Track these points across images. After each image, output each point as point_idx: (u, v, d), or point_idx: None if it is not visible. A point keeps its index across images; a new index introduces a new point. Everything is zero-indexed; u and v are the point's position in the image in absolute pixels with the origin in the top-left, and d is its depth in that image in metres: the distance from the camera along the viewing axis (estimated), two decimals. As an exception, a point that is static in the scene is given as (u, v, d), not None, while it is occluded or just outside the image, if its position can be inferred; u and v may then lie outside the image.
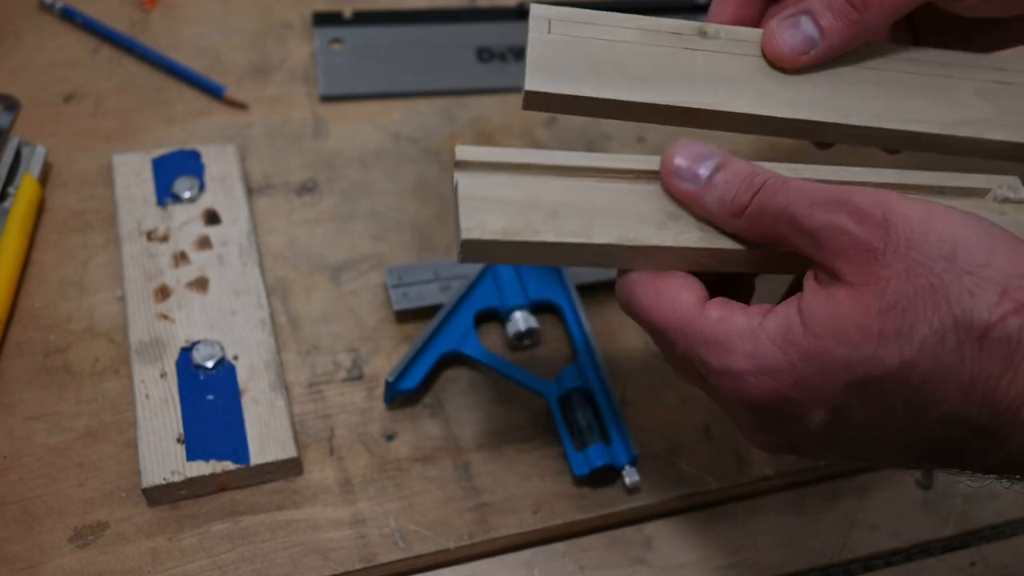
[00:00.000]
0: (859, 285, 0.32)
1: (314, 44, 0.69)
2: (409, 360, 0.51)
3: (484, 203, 0.37)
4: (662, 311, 0.36)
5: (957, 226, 0.32)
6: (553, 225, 0.36)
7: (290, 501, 0.48)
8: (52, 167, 0.60)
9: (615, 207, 0.37)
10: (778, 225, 0.35)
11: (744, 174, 0.36)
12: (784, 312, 0.34)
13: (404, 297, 0.54)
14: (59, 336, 0.52)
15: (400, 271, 0.56)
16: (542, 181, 0.38)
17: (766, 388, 0.34)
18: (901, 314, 0.31)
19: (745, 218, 0.36)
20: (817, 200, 0.34)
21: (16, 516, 0.46)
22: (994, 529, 0.51)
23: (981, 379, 0.31)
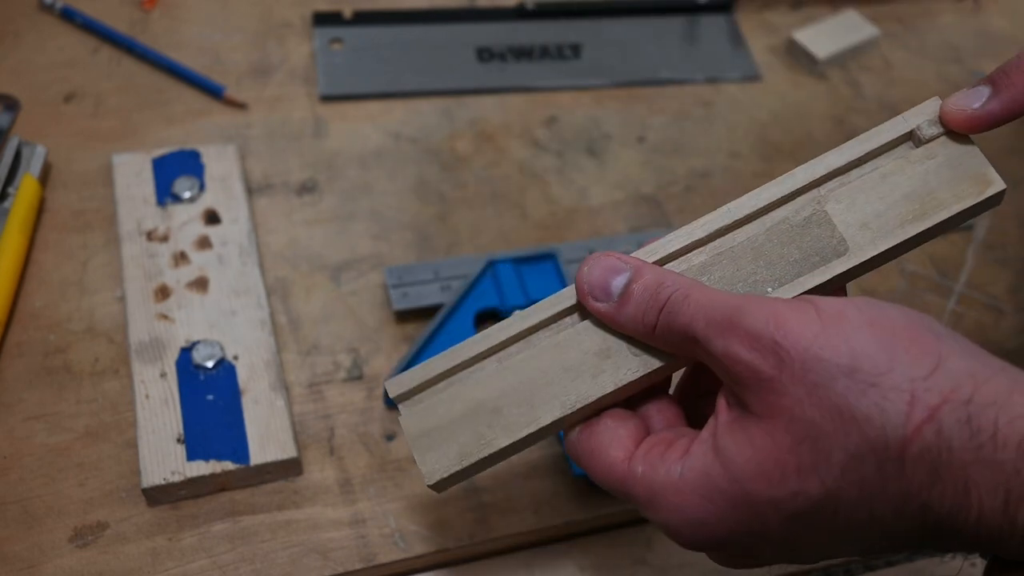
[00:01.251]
0: (766, 418, 0.31)
1: (314, 44, 0.69)
2: (409, 361, 0.51)
3: (433, 435, 0.37)
4: (601, 473, 0.36)
5: (853, 334, 0.31)
6: (501, 426, 0.36)
7: (290, 501, 0.48)
8: (52, 167, 0.60)
9: (548, 373, 0.37)
10: (686, 345, 0.34)
11: (652, 288, 0.35)
12: (702, 457, 0.33)
13: (404, 297, 0.54)
14: (59, 336, 0.52)
15: (400, 271, 0.56)
16: (474, 376, 0.37)
17: (704, 537, 0.33)
18: (814, 444, 0.30)
19: (657, 338, 0.35)
20: (712, 320, 0.33)
21: (16, 516, 0.46)
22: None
23: (911, 495, 0.30)
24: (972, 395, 0.29)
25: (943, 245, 0.62)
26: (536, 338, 0.38)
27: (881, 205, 0.36)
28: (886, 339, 0.31)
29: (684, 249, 0.37)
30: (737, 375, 0.32)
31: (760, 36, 0.73)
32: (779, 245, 0.37)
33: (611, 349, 0.36)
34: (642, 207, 0.62)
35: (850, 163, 0.37)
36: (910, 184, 0.36)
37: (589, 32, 0.72)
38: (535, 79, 0.69)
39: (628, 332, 0.36)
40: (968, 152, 0.37)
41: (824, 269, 0.36)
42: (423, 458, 0.37)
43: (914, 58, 0.73)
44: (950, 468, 0.29)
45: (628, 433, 0.36)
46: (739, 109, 0.68)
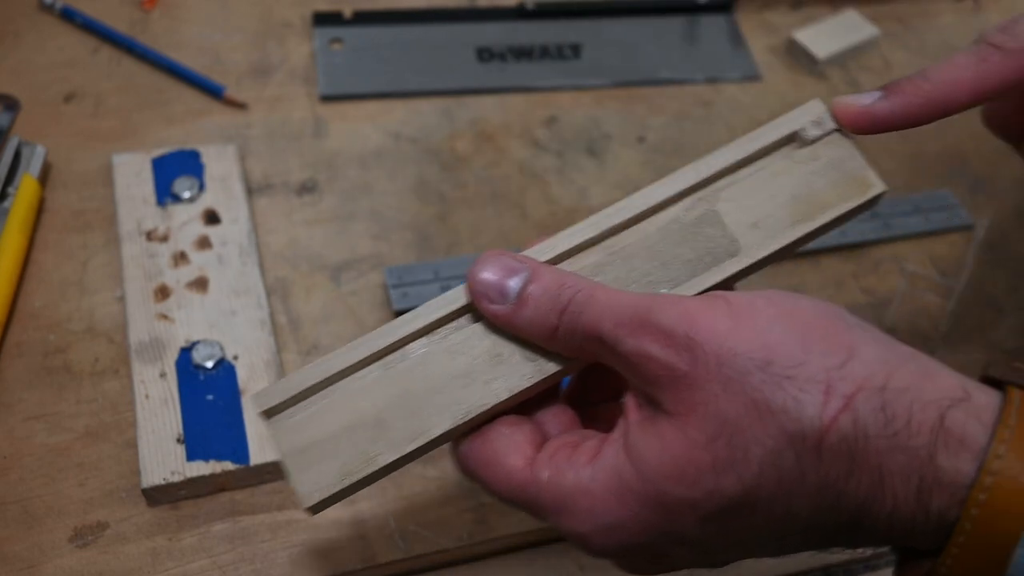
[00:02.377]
0: (680, 415, 0.30)
1: (314, 44, 0.69)
2: None
3: (309, 453, 0.34)
4: (499, 483, 0.33)
5: (766, 328, 0.30)
6: (386, 440, 0.34)
7: (290, 501, 0.48)
8: (52, 167, 0.60)
9: (436, 381, 0.34)
10: (590, 346, 0.33)
11: (552, 290, 0.33)
12: (613, 458, 0.32)
13: (404, 297, 0.54)
14: (59, 336, 0.52)
15: (400, 271, 0.56)
16: (354, 386, 0.34)
17: (616, 542, 0.32)
18: (730, 440, 0.30)
19: (558, 340, 0.34)
20: (621, 320, 0.32)
21: (16, 516, 0.46)
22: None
23: (828, 486, 0.30)
24: (886, 382, 0.30)
25: (943, 245, 0.62)
26: (422, 343, 0.35)
27: (770, 206, 0.37)
28: (799, 330, 0.30)
29: (576, 248, 0.36)
30: (649, 373, 0.31)
31: (760, 36, 0.73)
32: (672, 244, 0.36)
33: (504, 354, 0.35)
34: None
35: (738, 162, 0.37)
36: (796, 185, 0.37)
37: (589, 32, 0.72)
38: (535, 79, 0.69)
39: (526, 336, 0.34)
40: (849, 155, 0.38)
41: (717, 269, 0.36)
42: (299, 478, 0.33)
43: (914, 58, 0.73)
44: (866, 456, 0.29)
45: (525, 439, 0.34)
46: (739, 109, 0.68)
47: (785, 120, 0.38)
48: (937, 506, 0.29)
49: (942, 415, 0.29)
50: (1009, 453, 0.28)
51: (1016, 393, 0.30)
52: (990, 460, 0.28)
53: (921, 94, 0.37)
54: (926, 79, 0.38)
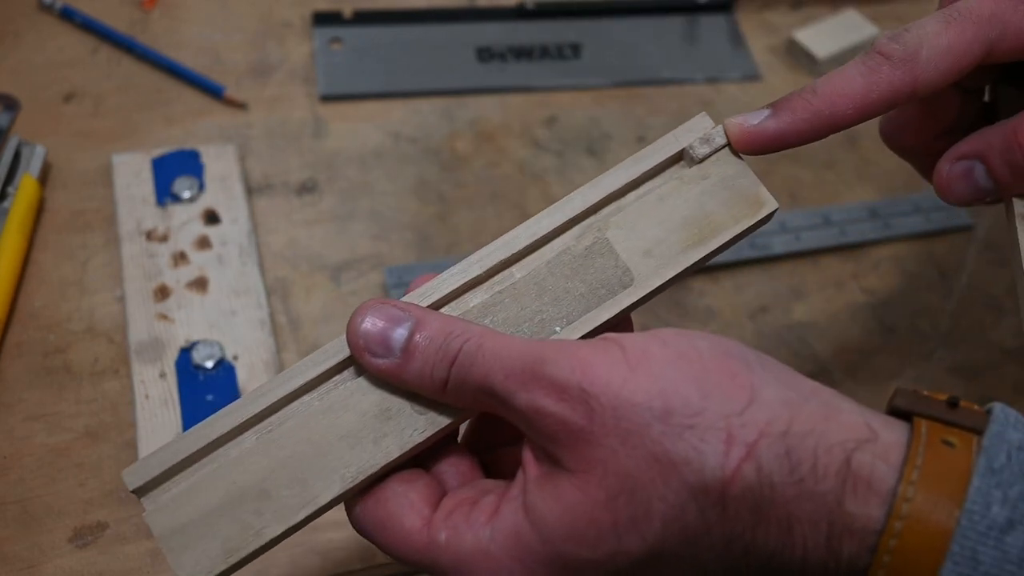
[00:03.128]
0: (579, 473, 0.29)
1: (314, 44, 0.69)
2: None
3: (188, 531, 0.31)
4: (396, 546, 0.32)
5: (661, 374, 0.29)
6: (271, 511, 0.31)
7: (290, 501, 0.48)
8: (52, 167, 0.60)
9: (320, 443, 0.32)
10: (483, 399, 0.31)
11: (439, 340, 0.31)
12: (512, 516, 0.30)
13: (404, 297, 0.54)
14: (59, 336, 0.52)
15: (400, 271, 0.55)
16: (232, 455, 0.32)
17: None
18: (631, 497, 0.28)
19: (449, 393, 0.32)
20: (512, 372, 0.30)
21: (16, 516, 0.46)
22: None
23: (735, 537, 0.28)
24: (789, 426, 0.28)
25: (943, 245, 0.62)
26: (302, 403, 0.33)
27: (661, 231, 0.35)
28: (697, 375, 0.29)
29: (461, 289, 0.34)
30: (545, 429, 0.30)
31: (760, 36, 0.73)
32: (563, 279, 0.34)
33: (392, 408, 0.32)
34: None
35: (626, 185, 0.36)
36: (687, 207, 0.35)
37: (589, 32, 0.72)
38: (535, 79, 0.69)
39: (414, 389, 0.32)
40: (740, 172, 0.36)
41: (612, 303, 0.34)
42: (178, 561, 0.31)
43: (914, 58, 0.73)
44: (772, 506, 0.28)
45: (420, 497, 0.32)
46: (739, 109, 0.68)
47: (672, 137, 0.36)
48: (848, 553, 0.28)
49: (848, 458, 0.28)
50: (918, 494, 0.27)
51: (923, 425, 0.29)
52: (898, 503, 0.27)
53: (810, 110, 0.35)
54: (815, 93, 0.36)
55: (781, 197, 0.63)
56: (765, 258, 0.59)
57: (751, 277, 0.59)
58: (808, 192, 0.64)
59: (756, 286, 0.58)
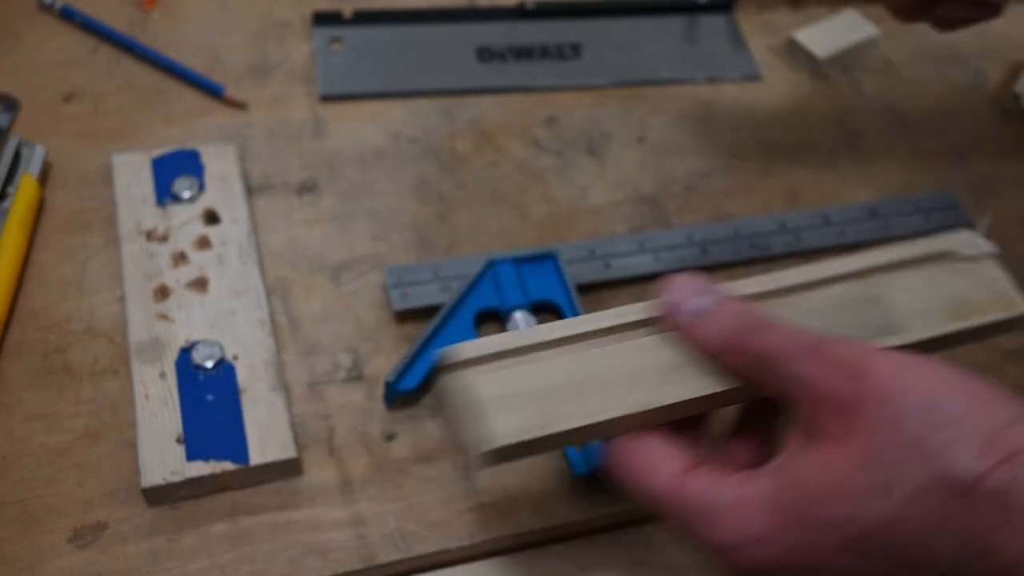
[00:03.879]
0: (840, 437, 0.32)
1: (314, 44, 0.69)
2: (409, 360, 0.51)
3: (496, 404, 0.36)
4: (645, 488, 0.36)
5: (932, 382, 0.32)
6: (567, 410, 0.36)
7: (290, 501, 0.48)
8: (52, 167, 0.60)
9: (618, 373, 0.37)
10: (761, 368, 0.35)
11: (736, 312, 0.36)
12: (770, 476, 0.33)
13: (404, 297, 0.54)
14: (59, 336, 0.52)
15: (400, 271, 0.56)
16: (545, 358, 0.38)
17: (757, 557, 0.33)
18: (883, 468, 0.31)
19: (733, 356, 0.36)
20: (800, 344, 0.34)
21: (15, 516, 0.46)
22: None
23: (974, 536, 0.30)
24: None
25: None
26: (614, 339, 0.38)
27: (926, 299, 0.40)
28: (966, 388, 0.32)
29: (753, 296, 0.40)
30: (816, 396, 0.33)
31: (760, 36, 0.73)
32: (836, 314, 0.39)
33: (682, 365, 0.37)
34: (642, 207, 0.62)
35: (898, 262, 0.41)
36: (951, 289, 0.40)
37: (589, 32, 0.72)
38: (535, 79, 0.69)
39: (705, 349, 0.37)
40: (999, 276, 0.41)
41: (877, 341, 0.39)
42: (490, 422, 0.36)
43: (915, 58, 0.73)
44: (1022, 516, 0.29)
45: (679, 452, 0.36)
46: (739, 109, 0.68)
47: (938, 241, 0.41)
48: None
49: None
50: None
51: None
52: None
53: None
54: None
55: (781, 197, 0.63)
56: (765, 258, 0.59)
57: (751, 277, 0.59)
58: (808, 192, 0.63)
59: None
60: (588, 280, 0.57)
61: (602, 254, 0.58)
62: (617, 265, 0.57)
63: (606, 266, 0.57)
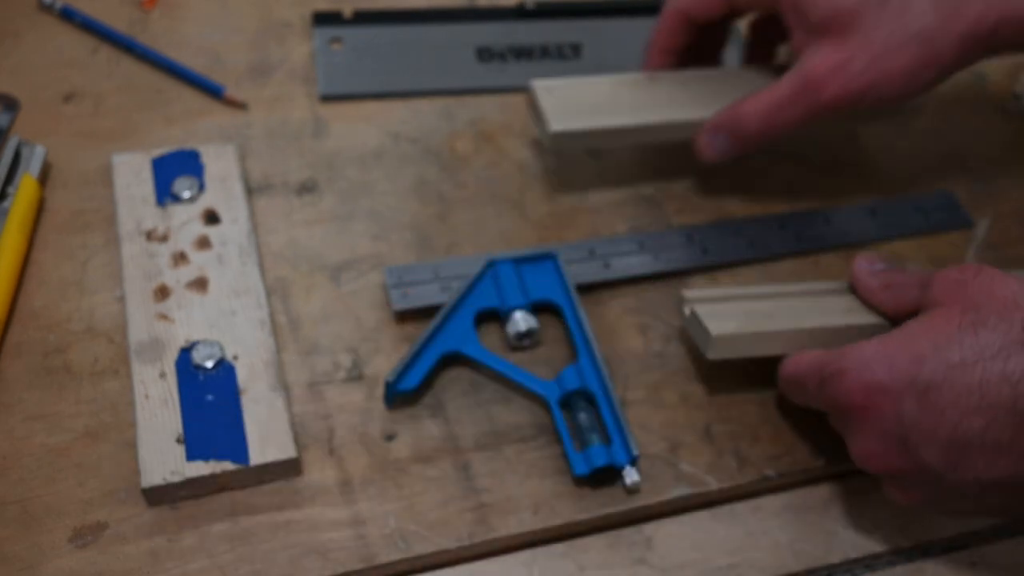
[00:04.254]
0: (948, 303, 0.44)
1: (314, 44, 0.69)
2: (409, 360, 0.51)
3: (717, 313, 0.51)
4: (800, 365, 0.48)
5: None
6: (774, 320, 0.51)
7: (290, 501, 0.48)
8: (52, 167, 0.60)
9: (811, 310, 0.52)
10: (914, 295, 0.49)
11: (905, 276, 0.51)
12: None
13: (404, 297, 0.54)
14: (58, 336, 0.52)
15: (400, 271, 0.55)
16: (754, 301, 0.53)
17: (864, 380, 0.44)
18: (978, 312, 0.42)
19: (898, 301, 0.50)
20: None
21: (15, 516, 0.46)
22: (994, 529, 0.51)
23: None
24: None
25: (943, 245, 0.62)
26: (804, 298, 0.53)
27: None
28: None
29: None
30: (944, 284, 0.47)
31: (760, 36, 0.73)
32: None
33: (852, 309, 0.52)
34: (642, 207, 0.62)
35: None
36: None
37: (589, 32, 0.72)
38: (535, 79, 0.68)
39: (879, 301, 0.51)
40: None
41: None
42: (711, 321, 0.50)
43: (914, 58, 0.73)
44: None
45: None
46: (739, 109, 0.68)
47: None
48: None
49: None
50: None
51: None
52: None
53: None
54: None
55: (781, 197, 0.63)
56: (765, 258, 0.59)
57: (751, 277, 0.59)
58: (808, 192, 0.63)
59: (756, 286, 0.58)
60: (588, 280, 0.57)
61: (602, 254, 0.58)
62: (617, 265, 0.58)
63: (606, 266, 0.57)
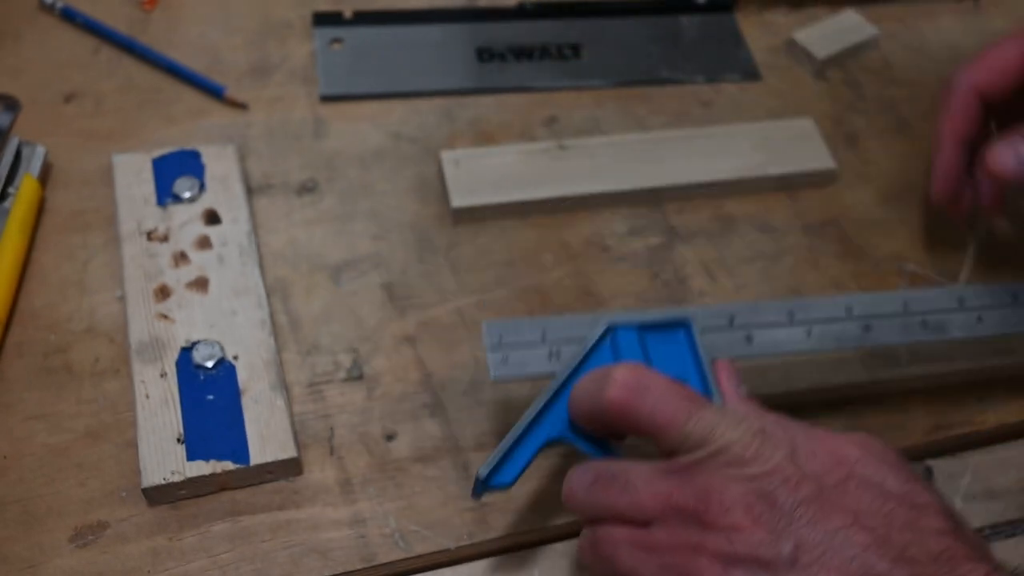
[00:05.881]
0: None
1: (314, 44, 0.69)
2: (507, 449, 0.43)
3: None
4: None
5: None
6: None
7: (290, 501, 0.48)
8: (52, 167, 0.60)
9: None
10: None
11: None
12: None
13: (504, 363, 0.45)
14: (59, 336, 0.52)
15: (501, 328, 0.45)
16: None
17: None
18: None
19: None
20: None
21: (16, 516, 0.46)
22: (994, 529, 0.51)
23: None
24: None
25: (943, 245, 0.62)
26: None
27: None
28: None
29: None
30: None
31: (760, 36, 0.73)
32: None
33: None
34: (642, 207, 0.62)
35: None
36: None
37: (589, 32, 0.72)
38: (535, 79, 0.69)
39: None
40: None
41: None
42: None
43: (914, 58, 0.73)
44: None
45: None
46: (739, 109, 0.68)
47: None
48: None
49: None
50: None
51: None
52: None
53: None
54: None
55: (780, 197, 0.63)
56: (939, 341, 0.53)
57: (750, 276, 0.59)
58: (807, 192, 0.63)
59: (755, 285, 0.58)
60: (726, 355, 0.46)
61: (742, 324, 0.47)
62: (761, 339, 0.47)
63: (748, 339, 0.47)
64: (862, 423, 0.53)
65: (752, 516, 0.35)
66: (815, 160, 0.64)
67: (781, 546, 0.34)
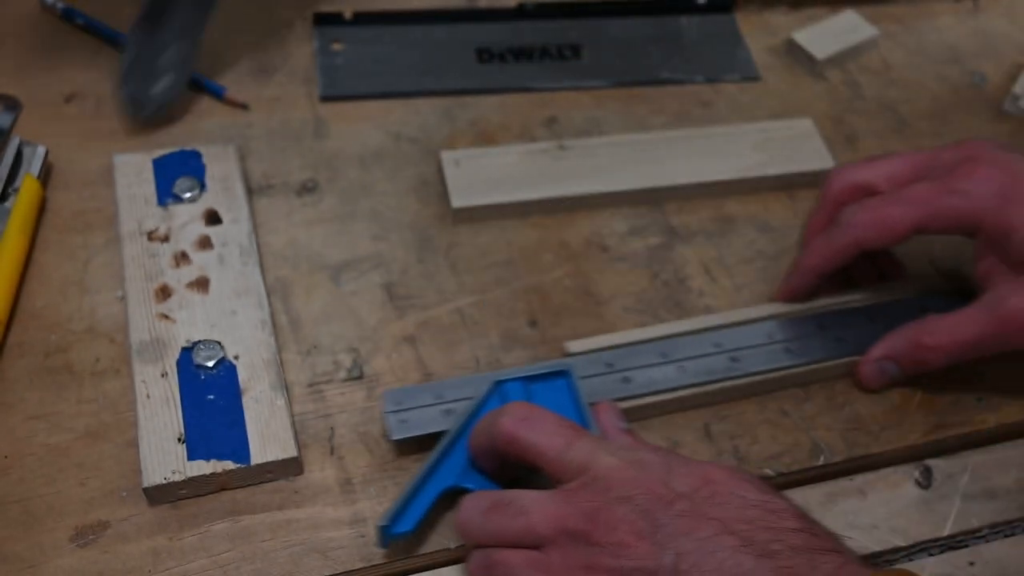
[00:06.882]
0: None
1: (314, 44, 0.69)
2: (404, 500, 0.45)
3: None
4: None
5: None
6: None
7: (291, 501, 0.48)
8: (53, 167, 0.60)
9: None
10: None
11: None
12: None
13: (403, 425, 0.49)
14: (60, 336, 0.53)
15: (399, 395, 0.50)
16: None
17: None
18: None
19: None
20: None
21: (17, 516, 0.46)
22: (993, 529, 0.51)
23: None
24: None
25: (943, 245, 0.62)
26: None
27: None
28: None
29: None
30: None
31: (760, 36, 0.74)
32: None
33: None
34: (641, 207, 0.62)
35: None
36: None
37: (589, 32, 0.72)
38: (535, 79, 0.69)
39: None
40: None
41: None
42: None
43: (913, 58, 0.73)
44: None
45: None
46: (739, 109, 0.69)
47: None
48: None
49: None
50: None
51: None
52: None
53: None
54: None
55: (780, 197, 0.63)
56: (802, 363, 0.55)
57: (750, 276, 0.59)
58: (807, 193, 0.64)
59: (755, 285, 0.58)
60: (606, 397, 0.50)
61: (620, 367, 0.51)
62: (639, 379, 0.51)
63: (626, 380, 0.51)
64: (863, 423, 0.53)
65: (635, 532, 0.39)
66: (815, 160, 0.64)
67: (664, 557, 0.38)
